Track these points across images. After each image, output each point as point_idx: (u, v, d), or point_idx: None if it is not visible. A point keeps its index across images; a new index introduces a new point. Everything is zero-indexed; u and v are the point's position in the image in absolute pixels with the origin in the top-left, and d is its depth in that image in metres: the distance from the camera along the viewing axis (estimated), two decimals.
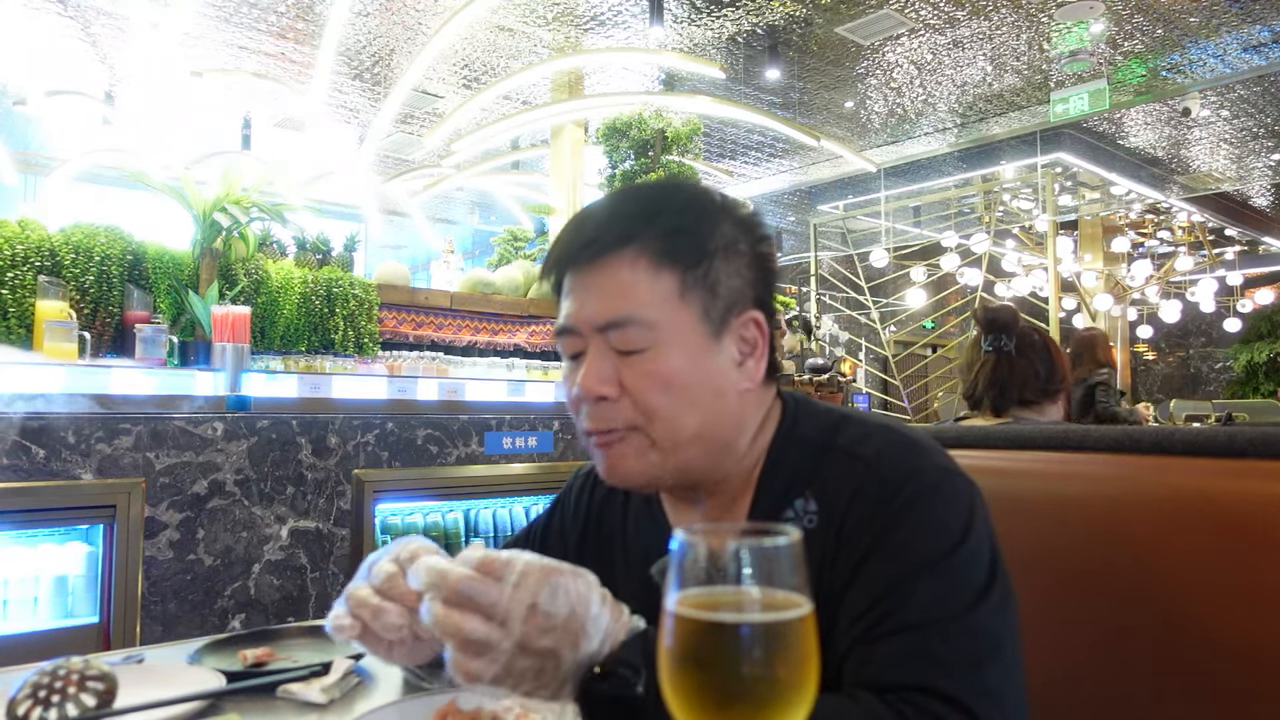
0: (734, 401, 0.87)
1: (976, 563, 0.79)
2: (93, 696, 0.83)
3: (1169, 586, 0.94)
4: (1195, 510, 0.94)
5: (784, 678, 0.51)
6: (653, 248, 0.83)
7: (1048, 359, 2.29)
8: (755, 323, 0.88)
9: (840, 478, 0.84)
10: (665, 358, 0.83)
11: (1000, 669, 0.75)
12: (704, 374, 0.85)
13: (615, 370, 0.83)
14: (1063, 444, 1.11)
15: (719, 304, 0.85)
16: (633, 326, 0.82)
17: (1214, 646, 0.90)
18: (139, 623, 2.33)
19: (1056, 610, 1.02)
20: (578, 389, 0.84)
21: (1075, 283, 11.61)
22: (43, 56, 6.65)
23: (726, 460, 0.89)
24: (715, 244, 0.86)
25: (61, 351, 2.49)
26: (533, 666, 0.69)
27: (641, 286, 0.83)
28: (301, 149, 7.91)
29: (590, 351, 0.85)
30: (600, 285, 0.84)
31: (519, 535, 1.15)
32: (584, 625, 0.70)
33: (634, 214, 0.86)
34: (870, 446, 0.85)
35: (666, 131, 4.71)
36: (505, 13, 6.18)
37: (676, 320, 0.83)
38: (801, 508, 0.86)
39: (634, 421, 0.84)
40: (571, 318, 0.86)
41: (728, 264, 0.86)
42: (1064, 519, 1.05)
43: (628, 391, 0.83)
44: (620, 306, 0.83)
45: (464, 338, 3.82)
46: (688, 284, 0.84)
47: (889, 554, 0.79)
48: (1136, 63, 7.42)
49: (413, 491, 2.97)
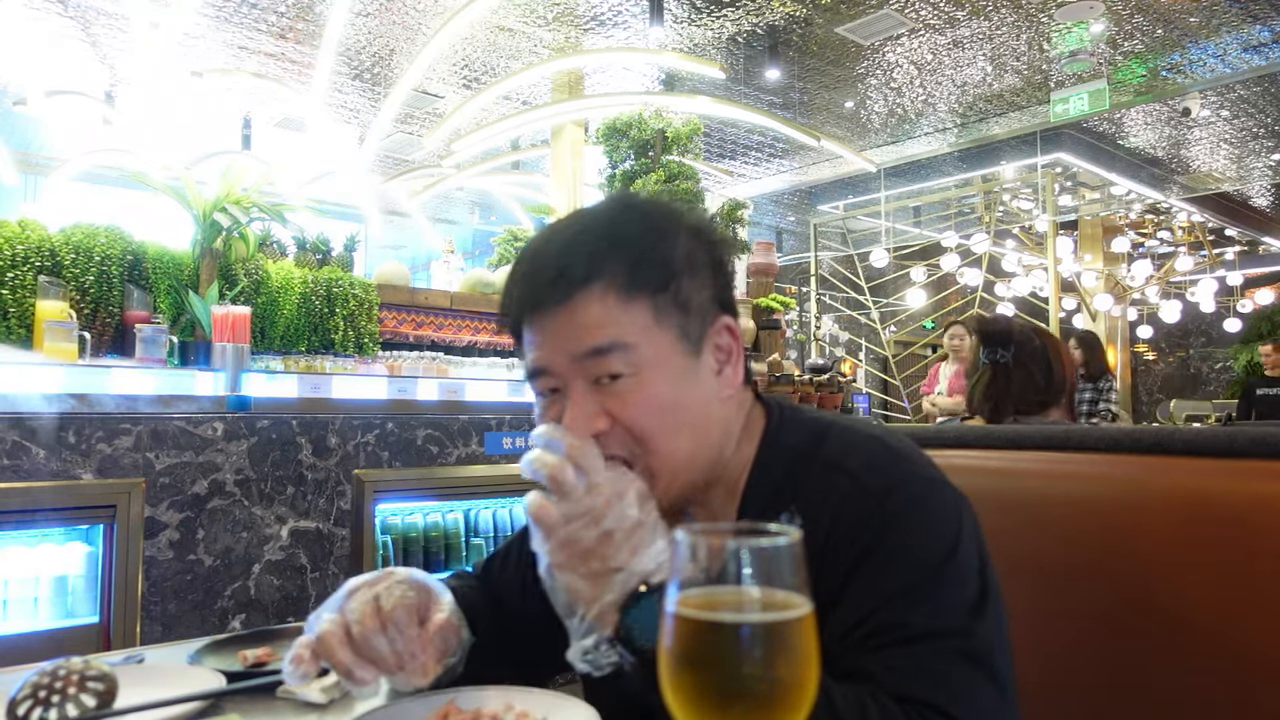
0: (719, 412, 0.87)
1: (968, 573, 0.78)
2: (93, 697, 0.83)
3: (1169, 586, 0.94)
4: (1195, 510, 0.94)
5: (784, 677, 0.51)
6: (620, 278, 0.81)
7: (1047, 366, 2.20)
8: (728, 329, 0.88)
9: (823, 491, 0.83)
10: (651, 383, 0.81)
11: (996, 685, 0.75)
12: (690, 394, 0.83)
13: (600, 404, 0.81)
14: (1063, 444, 1.11)
15: (693, 320, 0.84)
16: (615, 352, 0.80)
17: (1213, 646, 0.90)
18: (139, 623, 2.33)
19: (1056, 610, 1.02)
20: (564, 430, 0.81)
21: (1075, 283, 11.60)
22: (43, 57, 6.65)
23: (715, 471, 0.88)
24: (679, 263, 0.84)
25: (61, 351, 2.48)
26: (591, 540, 0.74)
27: (616, 315, 0.80)
28: (301, 149, 7.91)
29: (571, 391, 0.81)
30: (572, 323, 0.81)
31: (516, 537, 1.15)
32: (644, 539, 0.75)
33: (590, 249, 0.82)
34: (854, 459, 0.84)
35: (666, 131, 4.70)
36: (505, 13, 6.18)
37: (656, 344, 0.82)
38: (786, 522, 0.84)
39: (630, 453, 0.82)
40: (545, 358, 0.82)
41: (693, 279, 0.85)
42: (1064, 519, 1.05)
43: (618, 421, 0.81)
44: (600, 335, 0.80)
45: (464, 338, 3.82)
46: (660, 307, 0.82)
47: (879, 567, 0.78)
48: (1136, 63, 7.42)
49: (413, 491, 2.97)
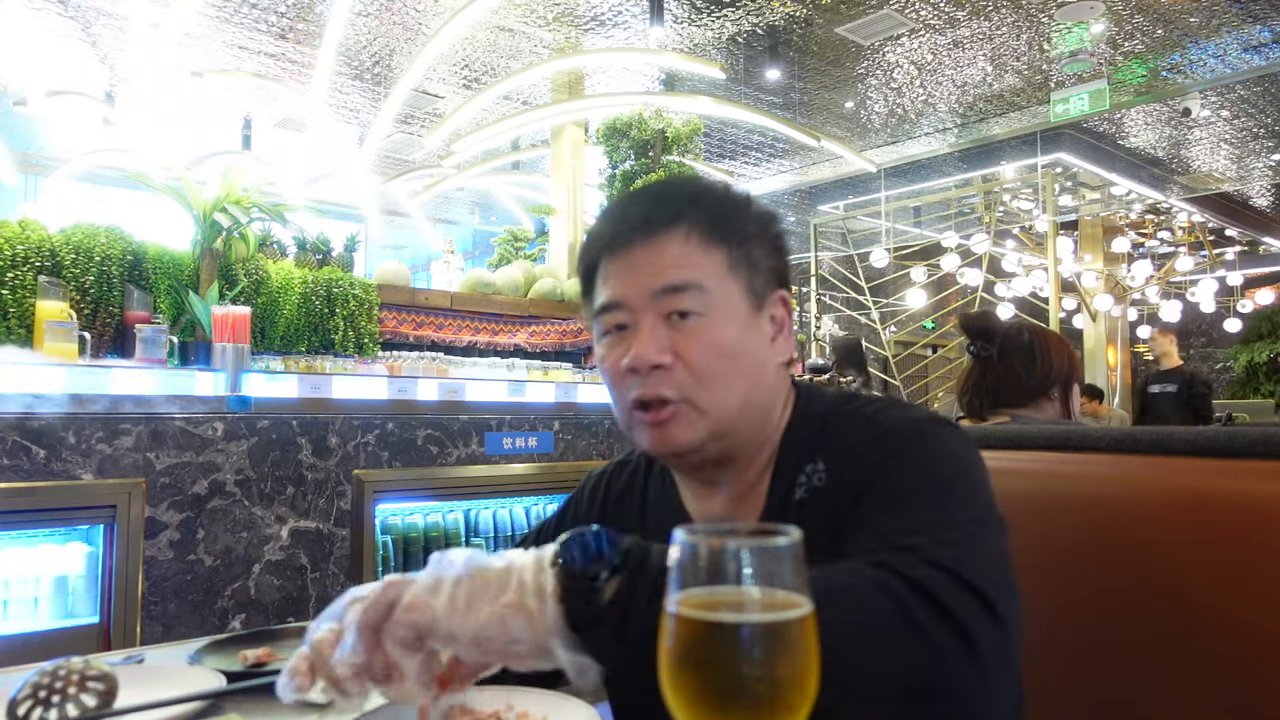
0: (772, 374, 0.92)
1: (975, 496, 0.82)
2: (93, 696, 0.83)
3: (1169, 586, 0.94)
4: (1195, 510, 0.94)
5: (784, 678, 0.51)
6: (703, 225, 0.88)
7: (1029, 359, 2.20)
8: (783, 301, 0.95)
9: (843, 436, 0.90)
10: (719, 325, 0.87)
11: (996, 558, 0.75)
12: (751, 345, 0.90)
13: (669, 338, 0.86)
14: (1063, 444, 1.11)
15: (759, 280, 0.91)
16: (691, 290, 0.86)
17: (1214, 646, 0.90)
18: (139, 623, 2.33)
19: (1055, 610, 1.02)
20: (630, 358, 0.86)
21: (1075, 283, 11.59)
22: (43, 56, 6.65)
23: (762, 432, 0.93)
24: (751, 227, 0.92)
25: (61, 351, 2.48)
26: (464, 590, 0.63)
27: (695, 258, 0.88)
28: (302, 149, 7.90)
29: (643, 323, 0.87)
30: (655, 259, 0.87)
31: (529, 536, 1.15)
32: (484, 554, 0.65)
33: (679, 198, 0.91)
34: (871, 408, 0.92)
35: (667, 132, 4.70)
36: (505, 13, 6.17)
37: (727, 291, 0.88)
38: (811, 470, 0.90)
39: (686, 391, 0.86)
40: (622, 291, 0.88)
41: (760, 247, 0.92)
42: (1064, 519, 1.05)
43: (681, 358, 0.86)
44: (680, 274, 0.87)
45: (464, 338, 3.82)
46: (734, 259, 0.89)
47: (887, 480, 0.82)
48: (1136, 63, 7.42)
49: (413, 492, 2.97)
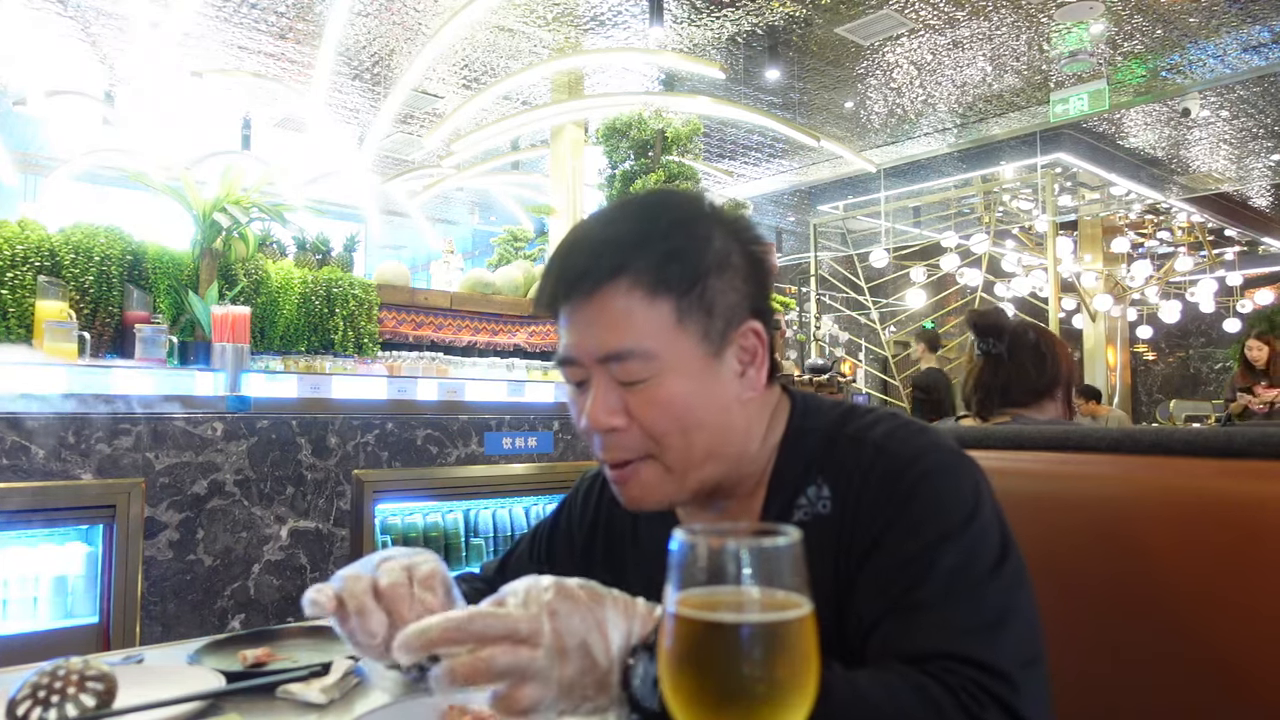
0: (739, 413, 0.87)
1: (989, 535, 0.80)
2: (93, 697, 0.83)
3: (1169, 586, 0.94)
4: (1195, 510, 0.94)
5: (784, 678, 0.51)
6: (646, 277, 0.82)
7: (1039, 358, 2.22)
8: (754, 332, 0.88)
9: (850, 462, 0.86)
10: (668, 385, 0.82)
11: (1027, 634, 0.76)
12: (708, 395, 0.84)
13: (621, 400, 0.83)
14: (1063, 444, 1.11)
15: (717, 323, 0.85)
16: (633, 359, 0.82)
17: (1214, 646, 0.90)
18: (139, 623, 2.33)
19: (1056, 610, 1.02)
20: (586, 420, 0.85)
21: (1075, 283, 11.60)
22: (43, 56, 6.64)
23: (741, 467, 0.90)
24: (708, 262, 0.84)
25: (61, 351, 2.48)
26: (577, 671, 0.64)
27: (638, 316, 0.82)
28: (301, 149, 7.91)
29: (595, 384, 0.84)
30: (597, 318, 0.83)
31: (525, 538, 1.15)
32: (602, 603, 0.66)
33: (623, 241, 0.84)
34: (878, 431, 0.87)
35: (666, 132, 4.70)
36: (505, 13, 6.17)
37: (676, 347, 0.82)
38: (814, 494, 0.87)
39: (646, 449, 0.84)
40: (572, 349, 0.85)
41: (722, 280, 0.85)
42: (1064, 519, 1.05)
43: (636, 420, 0.83)
44: (619, 339, 0.81)
45: (464, 338, 3.81)
46: (683, 309, 0.83)
47: (905, 530, 0.80)
48: (1136, 63, 7.42)
49: (413, 492, 2.97)
